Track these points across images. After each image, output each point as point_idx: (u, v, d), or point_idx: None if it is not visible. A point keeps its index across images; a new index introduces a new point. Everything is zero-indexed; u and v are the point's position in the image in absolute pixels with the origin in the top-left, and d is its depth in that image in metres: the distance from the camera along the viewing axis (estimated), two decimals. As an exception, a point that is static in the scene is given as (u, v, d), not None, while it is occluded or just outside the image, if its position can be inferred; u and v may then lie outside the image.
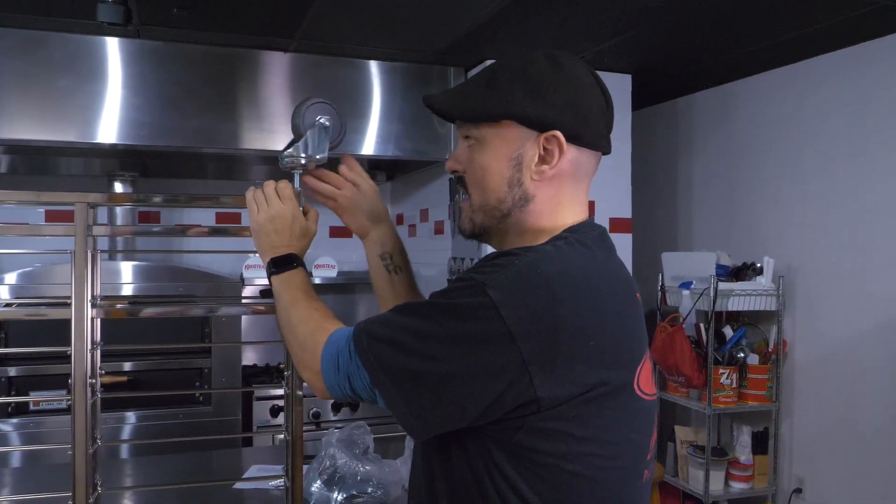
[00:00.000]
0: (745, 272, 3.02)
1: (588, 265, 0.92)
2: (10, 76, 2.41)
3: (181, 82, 2.61)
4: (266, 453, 2.30)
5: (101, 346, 1.27)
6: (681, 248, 3.54)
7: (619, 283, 0.96)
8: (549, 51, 0.98)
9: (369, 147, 2.86)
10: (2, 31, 2.40)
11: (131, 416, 2.79)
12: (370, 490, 1.64)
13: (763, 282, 2.95)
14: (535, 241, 0.97)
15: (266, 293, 3.20)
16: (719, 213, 3.35)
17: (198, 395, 2.88)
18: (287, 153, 1.21)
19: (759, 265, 2.99)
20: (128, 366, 2.82)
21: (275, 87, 2.73)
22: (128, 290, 2.82)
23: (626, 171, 3.01)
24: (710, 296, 2.88)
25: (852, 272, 2.69)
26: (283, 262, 1.12)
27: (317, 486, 1.64)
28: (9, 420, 2.66)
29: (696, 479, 3.00)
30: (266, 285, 1.13)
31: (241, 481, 1.79)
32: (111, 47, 2.53)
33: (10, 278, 2.68)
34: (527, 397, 0.84)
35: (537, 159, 0.96)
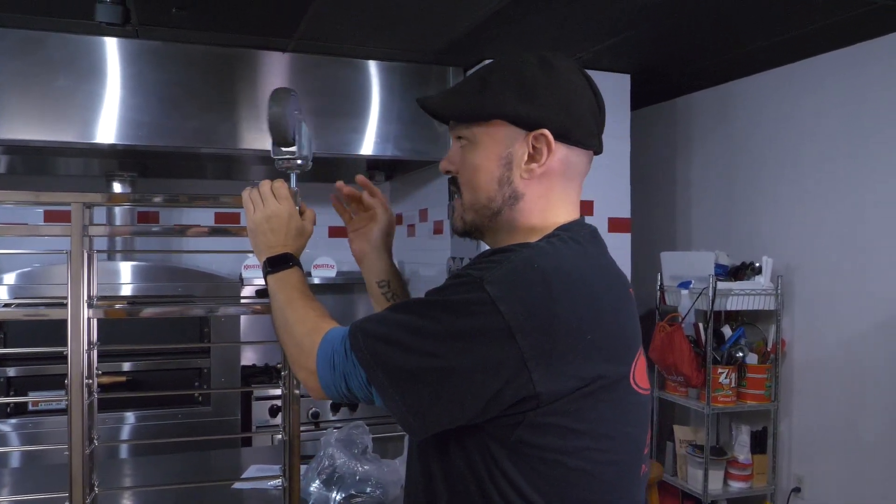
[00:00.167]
0: (743, 272, 3.02)
1: (582, 261, 0.93)
2: (8, 76, 2.41)
3: (180, 82, 2.61)
4: (265, 453, 2.30)
5: (97, 347, 1.27)
6: (679, 248, 3.54)
7: (613, 278, 0.97)
8: (541, 52, 1.00)
9: (368, 147, 2.86)
10: (1, 31, 2.40)
11: (130, 417, 2.79)
12: (369, 490, 1.64)
13: (762, 281, 2.95)
14: (526, 238, 0.98)
15: (264, 293, 3.19)
16: (718, 212, 3.35)
17: (197, 395, 2.88)
18: (284, 155, 1.21)
19: (757, 265, 2.99)
20: (127, 366, 2.83)
21: (274, 87, 2.69)
22: (127, 290, 2.82)
23: (625, 171, 3.01)
24: (709, 295, 2.88)
25: (851, 271, 2.70)
26: (279, 262, 1.12)
27: (315, 485, 1.64)
28: (7, 420, 2.66)
29: (695, 479, 3.01)
30: (264, 285, 1.13)
31: (239, 481, 1.79)
32: (110, 47, 2.53)
33: (10, 278, 2.68)
34: (526, 392, 0.84)
35: (526, 158, 0.97)
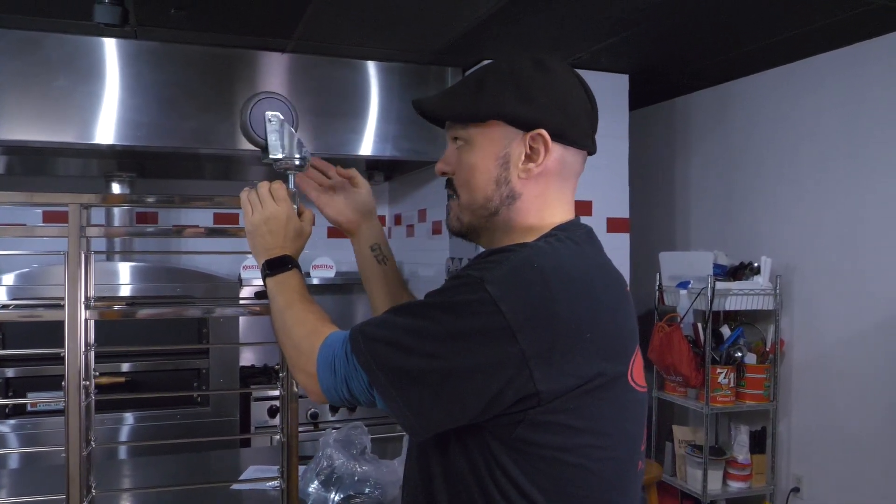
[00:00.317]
0: (742, 272, 3.02)
1: (580, 261, 0.94)
2: (7, 77, 2.41)
3: (178, 83, 2.61)
4: (264, 454, 2.29)
5: (94, 348, 1.26)
6: (678, 248, 3.54)
7: (610, 278, 0.98)
8: (535, 54, 1.01)
9: (367, 147, 2.86)
10: (-1, 31, 2.40)
11: (129, 417, 2.79)
12: (367, 490, 1.63)
13: (760, 281, 2.95)
14: (523, 239, 0.98)
15: (263, 294, 3.18)
16: (716, 212, 3.35)
17: (196, 396, 2.87)
18: (266, 158, 1.20)
19: (756, 264, 2.99)
20: (126, 366, 2.82)
21: (272, 87, 2.73)
22: (125, 290, 2.82)
23: (624, 171, 3.01)
24: (708, 295, 2.88)
25: (849, 271, 2.70)
26: (278, 264, 1.12)
27: (314, 486, 1.64)
28: (6, 421, 2.66)
29: (695, 479, 3.01)
30: (263, 286, 1.13)
31: (237, 482, 1.79)
32: (108, 48, 2.53)
33: (8, 279, 2.68)
34: (527, 391, 0.85)
35: (524, 158, 0.98)
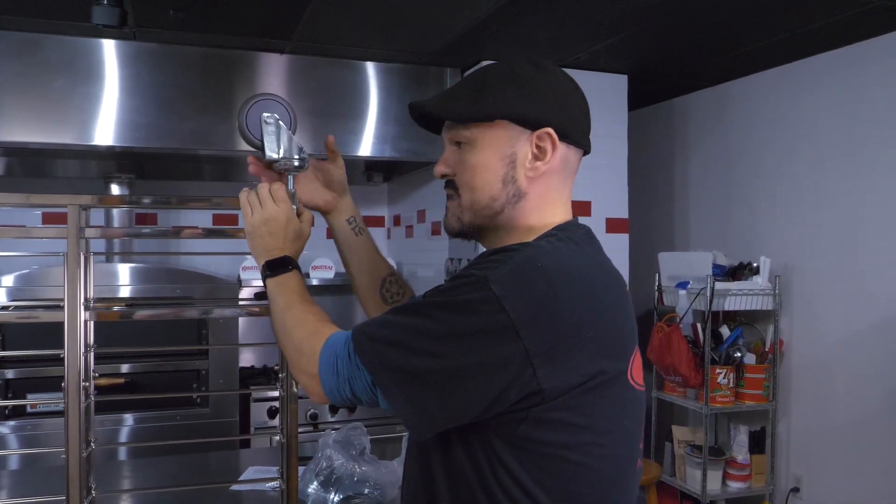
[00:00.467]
0: (741, 272, 3.02)
1: (581, 261, 0.95)
2: (6, 78, 2.41)
3: (177, 84, 2.61)
4: (264, 455, 2.29)
5: (94, 349, 1.26)
6: (677, 248, 3.55)
7: (610, 277, 0.98)
8: (531, 57, 1.02)
9: (366, 148, 2.86)
10: (-2, 33, 2.41)
11: (129, 418, 2.79)
12: (367, 491, 1.64)
13: (759, 281, 2.96)
14: (523, 238, 0.99)
15: (262, 295, 3.18)
16: (716, 212, 3.36)
17: (195, 396, 2.87)
18: (265, 159, 1.20)
19: (755, 265, 3.00)
20: (125, 368, 2.82)
21: (271, 88, 2.73)
22: (125, 292, 2.82)
23: (623, 172, 3.01)
24: (707, 295, 2.88)
25: (849, 271, 2.70)
26: (278, 265, 1.12)
27: (313, 487, 1.64)
28: (6, 422, 2.66)
29: (694, 479, 3.01)
30: (263, 287, 1.13)
31: (237, 483, 1.79)
32: (107, 49, 2.53)
33: (8, 280, 2.68)
34: (531, 388, 0.85)
35: (531, 156, 0.98)
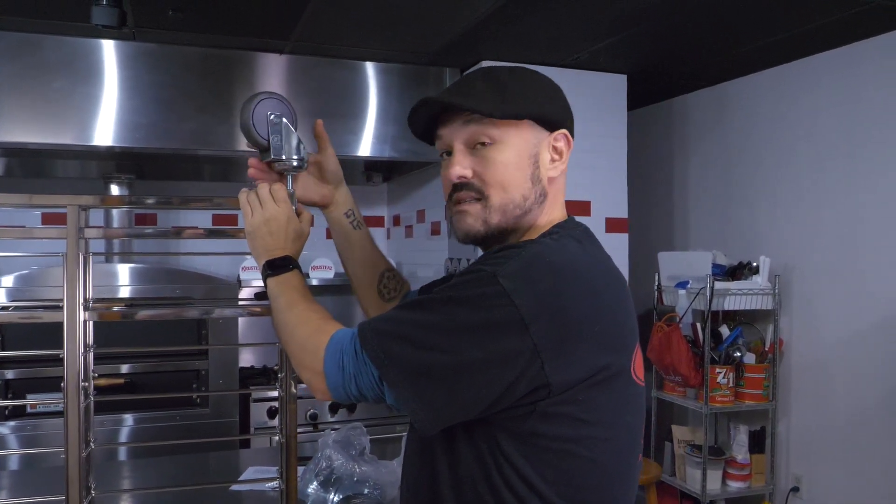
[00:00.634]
0: (741, 271, 3.02)
1: (585, 257, 0.97)
2: (5, 79, 2.41)
3: (177, 84, 2.61)
4: (263, 455, 2.29)
5: (93, 350, 1.26)
6: (677, 248, 3.55)
7: (612, 275, 0.99)
8: (513, 64, 1.07)
9: (365, 148, 2.86)
10: (-3, 33, 2.40)
11: (129, 419, 2.79)
12: (367, 491, 1.63)
13: (759, 281, 2.96)
14: (529, 237, 1.00)
15: (262, 295, 3.19)
16: (715, 212, 3.36)
17: (195, 397, 2.87)
18: (267, 159, 1.20)
19: (755, 264, 3.00)
20: (125, 368, 2.82)
21: (271, 88, 2.73)
22: (124, 292, 2.82)
23: (622, 171, 3.01)
24: (707, 295, 2.89)
25: (848, 271, 2.70)
26: (279, 265, 1.12)
27: (313, 487, 1.64)
28: (6, 423, 2.66)
29: (694, 479, 3.01)
30: (262, 287, 1.13)
31: (237, 483, 1.79)
32: (107, 50, 2.53)
33: (7, 281, 2.68)
34: (539, 382, 0.86)
35: (549, 157, 1.01)
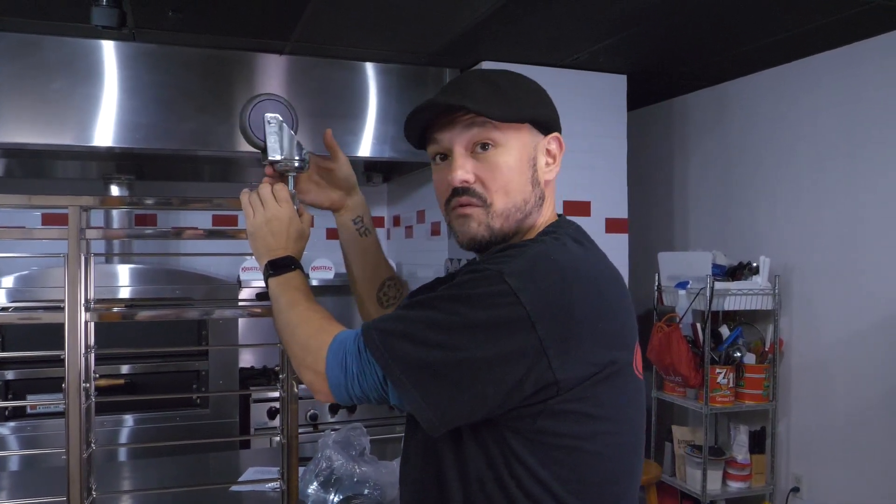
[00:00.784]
0: (741, 272, 3.02)
1: (586, 256, 0.97)
2: (5, 79, 2.41)
3: (177, 85, 2.61)
4: (264, 455, 2.29)
5: (94, 350, 1.26)
6: (677, 248, 3.55)
7: (611, 272, 1.00)
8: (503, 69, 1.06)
9: (365, 149, 2.86)
10: (-3, 34, 2.41)
11: (129, 419, 2.79)
12: (367, 491, 1.63)
13: (759, 281, 2.96)
14: (527, 238, 1.01)
15: (262, 296, 3.19)
16: (715, 212, 3.36)
17: (195, 397, 2.87)
18: (265, 160, 1.19)
19: (755, 264, 3.00)
20: (125, 369, 2.82)
21: (270, 89, 2.73)
22: (125, 293, 2.82)
23: (622, 172, 3.01)
24: (707, 295, 2.89)
25: (848, 271, 2.70)
26: (281, 265, 1.11)
27: (313, 487, 1.64)
28: (6, 424, 2.66)
29: (694, 479, 3.01)
30: (263, 288, 1.13)
31: (237, 484, 1.79)
32: (106, 50, 2.53)
33: (8, 282, 2.68)
34: (546, 380, 0.86)
35: (544, 160, 1.02)
